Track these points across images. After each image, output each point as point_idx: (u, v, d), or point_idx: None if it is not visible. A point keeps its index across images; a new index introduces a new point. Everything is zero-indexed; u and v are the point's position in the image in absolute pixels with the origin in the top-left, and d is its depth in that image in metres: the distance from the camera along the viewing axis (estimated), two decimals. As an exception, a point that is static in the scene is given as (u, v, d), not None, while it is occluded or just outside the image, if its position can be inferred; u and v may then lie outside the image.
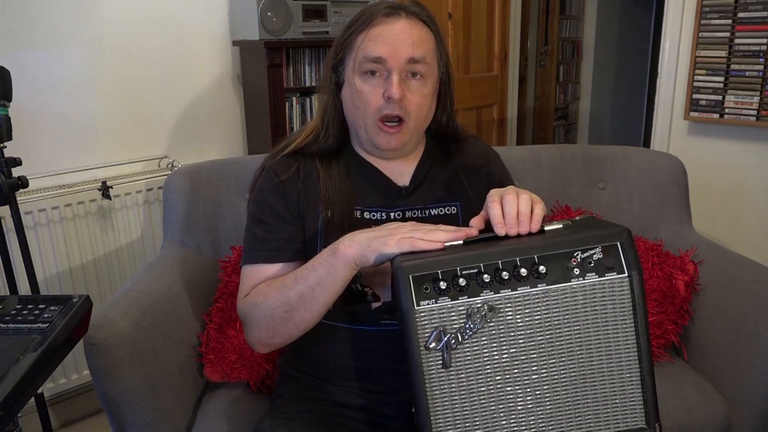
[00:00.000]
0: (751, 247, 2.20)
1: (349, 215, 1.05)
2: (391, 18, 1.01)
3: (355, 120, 1.05)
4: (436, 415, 0.79)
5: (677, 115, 2.32)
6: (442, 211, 1.10)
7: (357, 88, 1.02)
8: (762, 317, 1.27)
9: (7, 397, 0.72)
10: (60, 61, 1.93)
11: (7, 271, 1.59)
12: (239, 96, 2.39)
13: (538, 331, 0.79)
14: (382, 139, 1.03)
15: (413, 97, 1.02)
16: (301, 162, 1.09)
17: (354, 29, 1.03)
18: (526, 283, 0.78)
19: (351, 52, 1.03)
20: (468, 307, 0.78)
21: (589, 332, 0.79)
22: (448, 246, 0.83)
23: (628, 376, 0.80)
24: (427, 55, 1.02)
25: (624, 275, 0.79)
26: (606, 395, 0.80)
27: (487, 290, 0.78)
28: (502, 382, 0.79)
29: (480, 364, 0.79)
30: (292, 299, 0.94)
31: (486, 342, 0.78)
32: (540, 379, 0.79)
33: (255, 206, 1.09)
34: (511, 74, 3.33)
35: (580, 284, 0.79)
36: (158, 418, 1.18)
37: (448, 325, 0.78)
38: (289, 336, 0.99)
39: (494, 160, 1.22)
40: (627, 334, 0.79)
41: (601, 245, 0.79)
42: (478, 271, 0.78)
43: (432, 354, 0.78)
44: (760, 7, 2.03)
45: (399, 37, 1.00)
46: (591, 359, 0.79)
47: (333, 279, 0.91)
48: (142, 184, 2.08)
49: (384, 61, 0.99)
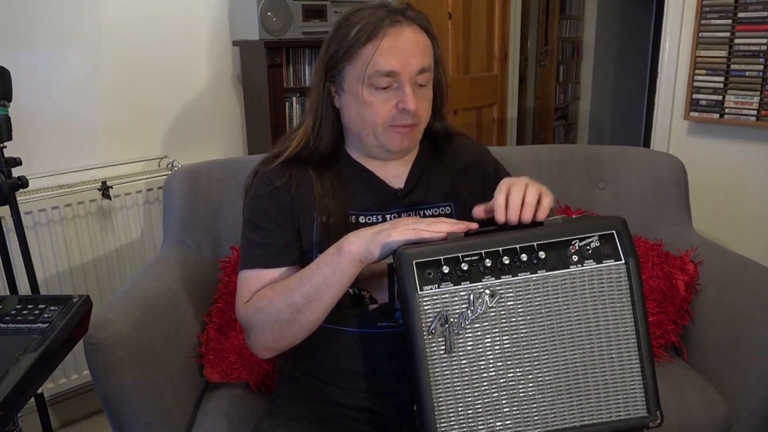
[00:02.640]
0: (751, 247, 2.20)
1: (345, 220, 1.05)
2: (396, 27, 0.99)
3: (361, 130, 1.04)
4: (439, 400, 0.80)
5: (677, 115, 2.32)
6: (437, 211, 1.11)
7: (366, 99, 1.00)
8: (762, 317, 1.27)
9: (7, 397, 0.72)
10: (60, 61, 1.93)
11: (7, 271, 1.59)
12: (239, 96, 2.39)
13: (539, 317, 0.81)
14: (396, 141, 1.03)
15: (422, 104, 1.03)
16: (293, 169, 1.08)
17: (356, 39, 1.00)
18: (526, 270, 0.81)
19: (355, 62, 1.01)
20: (470, 293, 0.80)
21: (588, 318, 0.81)
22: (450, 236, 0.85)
23: (628, 363, 0.82)
24: (431, 63, 1.04)
25: (621, 262, 0.82)
26: (606, 382, 0.81)
27: (489, 276, 0.80)
28: (504, 367, 0.80)
29: (482, 349, 0.80)
30: (297, 300, 0.94)
31: (488, 327, 0.80)
32: (541, 364, 0.81)
33: (250, 212, 1.08)
34: (511, 74, 3.33)
35: (579, 270, 0.81)
36: (158, 418, 1.18)
37: (450, 310, 0.80)
38: (294, 338, 0.99)
39: (485, 155, 1.22)
40: (626, 321, 0.82)
41: (598, 234, 0.82)
42: (480, 257, 0.80)
43: (434, 339, 0.80)
44: (760, 7, 2.03)
45: (408, 48, 0.99)
46: (591, 346, 0.81)
47: (339, 277, 0.92)
48: (142, 184, 2.08)
49: (396, 75, 0.99)
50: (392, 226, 0.88)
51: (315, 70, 1.11)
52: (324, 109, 1.07)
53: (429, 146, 1.16)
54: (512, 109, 3.43)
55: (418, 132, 1.06)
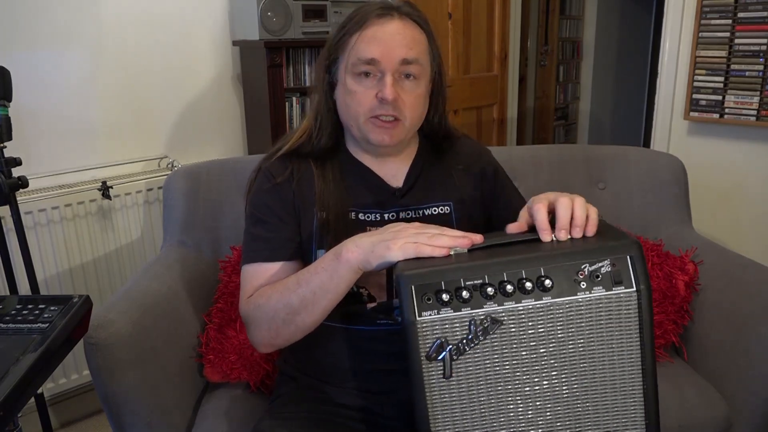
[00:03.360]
0: (751, 247, 2.20)
1: (344, 216, 1.05)
2: (384, 19, 1.01)
3: (347, 119, 1.05)
4: (437, 425, 0.78)
5: (677, 115, 2.32)
6: (435, 210, 1.10)
7: (349, 88, 1.02)
8: (762, 317, 1.26)
9: (7, 397, 0.72)
10: (60, 61, 1.93)
11: (7, 271, 1.59)
12: (239, 96, 2.39)
13: (542, 344, 0.77)
14: (376, 134, 1.02)
15: (407, 98, 1.02)
16: (295, 164, 1.09)
17: (347, 30, 1.03)
18: (530, 296, 0.76)
19: (344, 52, 1.03)
20: (471, 319, 0.76)
21: (593, 347, 0.77)
22: (455, 254, 0.81)
23: (631, 392, 0.78)
24: (420, 56, 1.02)
25: (632, 290, 0.76)
26: (607, 409, 0.79)
27: (491, 302, 0.76)
28: (503, 393, 0.78)
29: (481, 374, 0.77)
30: (294, 302, 0.94)
31: (488, 353, 0.77)
32: (541, 391, 0.78)
33: (253, 207, 1.09)
34: (511, 74, 3.33)
35: (586, 298, 0.76)
36: (158, 418, 1.18)
37: (450, 336, 0.77)
38: (291, 337, 0.98)
39: (486, 156, 1.22)
40: (632, 350, 0.77)
41: (611, 258, 0.76)
42: (483, 282, 0.76)
43: (433, 364, 0.77)
44: (760, 7, 2.03)
45: (392, 39, 1.00)
46: (594, 373, 0.78)
47: (336, 283, 0.91)
48: (142, 184, 2.08)
49: (377, 63, 0.99)
50: (393, 237, 0.84)
51: (317, 65, 1.13)
52: (325, 103, 1.08)
53: (428, 145, 1.16)
54: (512, 109, 3.43)
55: (401, 128, 1.03)
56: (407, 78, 1.02)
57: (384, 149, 1.07)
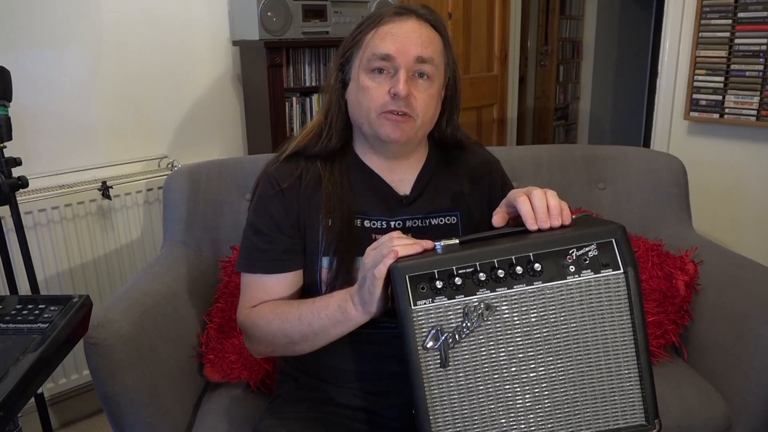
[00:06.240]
0: (751, 247, 2.20)
1: (350, 223, 1.04)
2: (401, 17, 1.02)
3: (358, 116, 1.05)
4: (435, 414, 0.79)
5: (677, 115, 2.32)
6: (442, 221, 1.09)
7: (362, 84, 1.02)
8: (762, 317, 1.27)
9: (7, 397, 0.72)
10: (60, 61, 1.93)
11: (7, 271, 1.59)
12: (239, 96, 2.39)
13: (535, 329, 0.79)
14: (387, 128, 1.01)
15: (420, 96, 1.01)
16: (303, 167, 1.08)
17: (363, 27, 1.04)
18: (522, 281, 0.79)
19: (359, 49, 1.04)
20: (464, 306, 0.78)
21: (586, 329, 0.80)
22: (444, 245, 0.83)
23: (626, 373, 0.80)
24: (435, 57, 1.02)
25: (619, 271, 0.79)
26: (605, 392, 0.80)
27: (484, 289, 0.79)
28: (500, 380, 0.79)
29: (478, 362, 0.79)
30: (294, 335, 0.97)
31: (483, 340, 0.79)
32: (538, 376, 0.79)
33: (254, 214, 1.08)
34: (511, 74, 3.33)
35: (576, 281, 0.79)
36: (158, 418, 1.18)
37: (445, 324, 0.78)
38: (290, 355, 1.02)
39: (495, 168, 1.20)
40: (624, 331, 0.80)
41: (596, 242, 0.79)
42: (474, 270, 0.79)
43: (430, 353, 0.78)
44: (760, 7, 2.03)
45: (408, 36, 1.00)
46: (588, 356, 0.80)
47: (339, 331, 0.93)
48: (142, 184, 2.08)
49: (392, 59, 0.99)
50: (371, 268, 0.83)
51: (331, 64, 1.14)
52: (336, 102, 1.08)
53: (438, 153, 1.15)
54: (512, 109, 3.43)
55: (412, 125, 1.02)
56: (421, 77, 1.02)
57: (393, 147, 1.06)
